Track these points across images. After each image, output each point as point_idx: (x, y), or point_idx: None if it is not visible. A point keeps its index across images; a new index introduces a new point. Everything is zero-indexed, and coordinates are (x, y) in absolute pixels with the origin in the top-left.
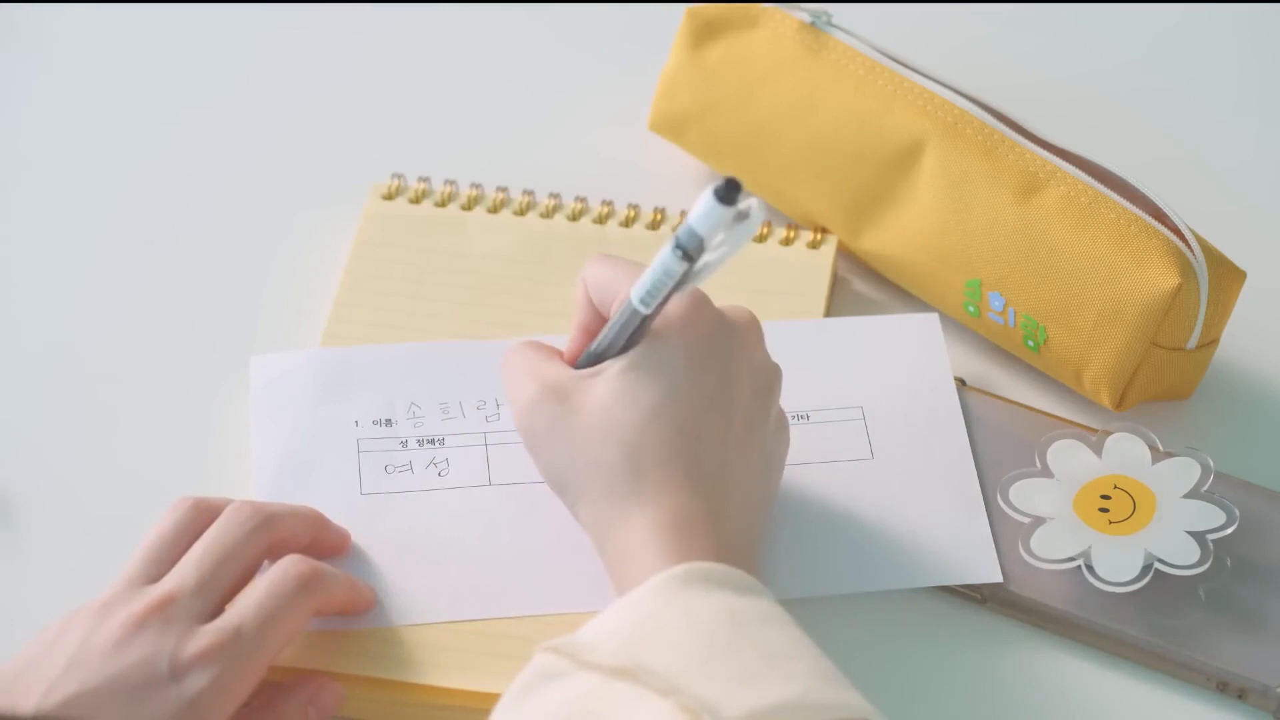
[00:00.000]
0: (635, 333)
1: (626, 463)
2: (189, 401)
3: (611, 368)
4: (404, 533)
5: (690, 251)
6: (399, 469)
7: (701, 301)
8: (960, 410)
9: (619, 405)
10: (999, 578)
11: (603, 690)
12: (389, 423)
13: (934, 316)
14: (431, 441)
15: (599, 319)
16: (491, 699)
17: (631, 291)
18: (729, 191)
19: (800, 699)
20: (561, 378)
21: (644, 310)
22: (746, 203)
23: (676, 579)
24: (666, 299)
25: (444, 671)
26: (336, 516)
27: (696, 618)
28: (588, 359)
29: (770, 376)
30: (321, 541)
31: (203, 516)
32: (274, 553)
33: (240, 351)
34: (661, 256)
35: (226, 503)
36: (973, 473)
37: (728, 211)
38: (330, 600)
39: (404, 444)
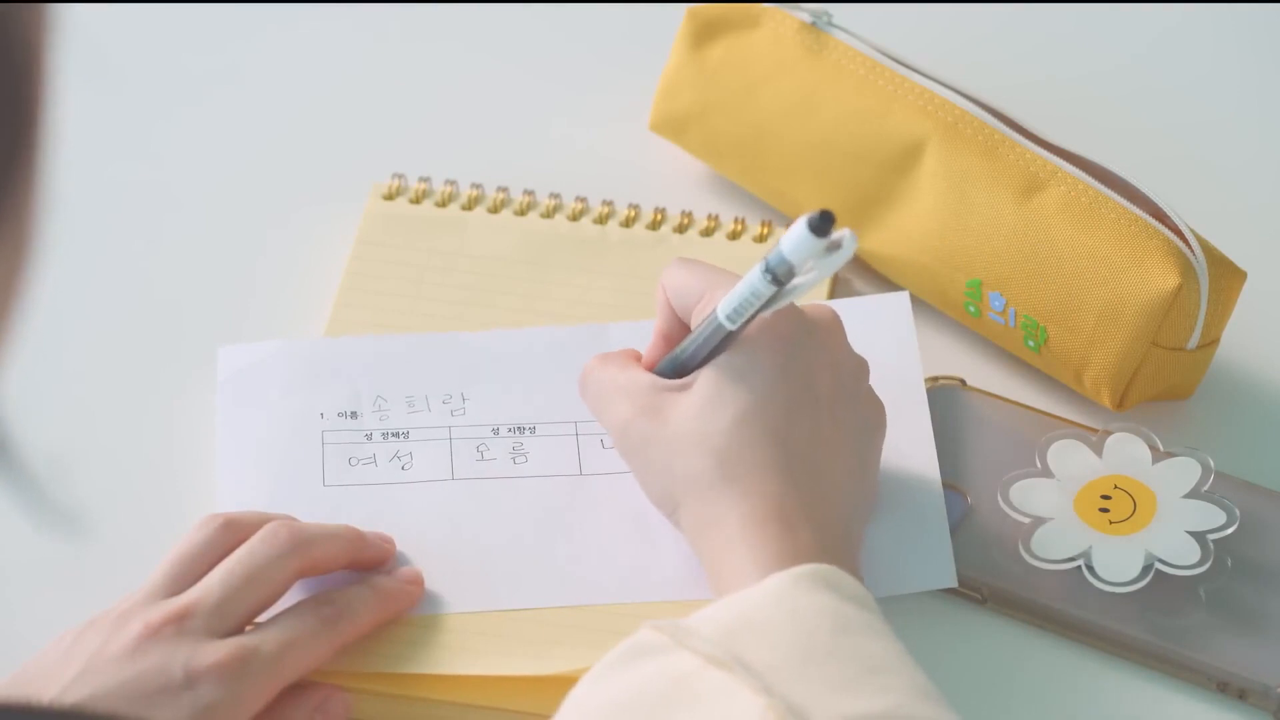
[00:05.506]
0: (720, 346)
1: (717, 469)
2: (188, 400)
3: (699, 378)
4: (366, 526)
5: (780, 276)
6: (363, 462)
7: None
8: (926, 403)
9: (708, 413)
10: (954, 583)
11: (696, 675)
12: (354, 415)
13: (904, 295)
14: (396, 435)
15: (678, 325)
16: (497, 696)
17: (718, 308)
18: (823, 224)
19: (892, 712)
20: (648, 390)
21: (730, 326)
22: (839, 234)
23: (789, 578)
24: (753, 317)
25: (451, 667)
26: (299, 509)
27: (801, 617)
28: (670, 365)
29: (855, 373)
30: (361, 561)
31: (232, 535)
32: (309, 575)
33: None
34: (750, 278)
35: (258, 521)
36: (935, 473)
37: (819, 242)
38: (358, 630)
39: (369, 437)
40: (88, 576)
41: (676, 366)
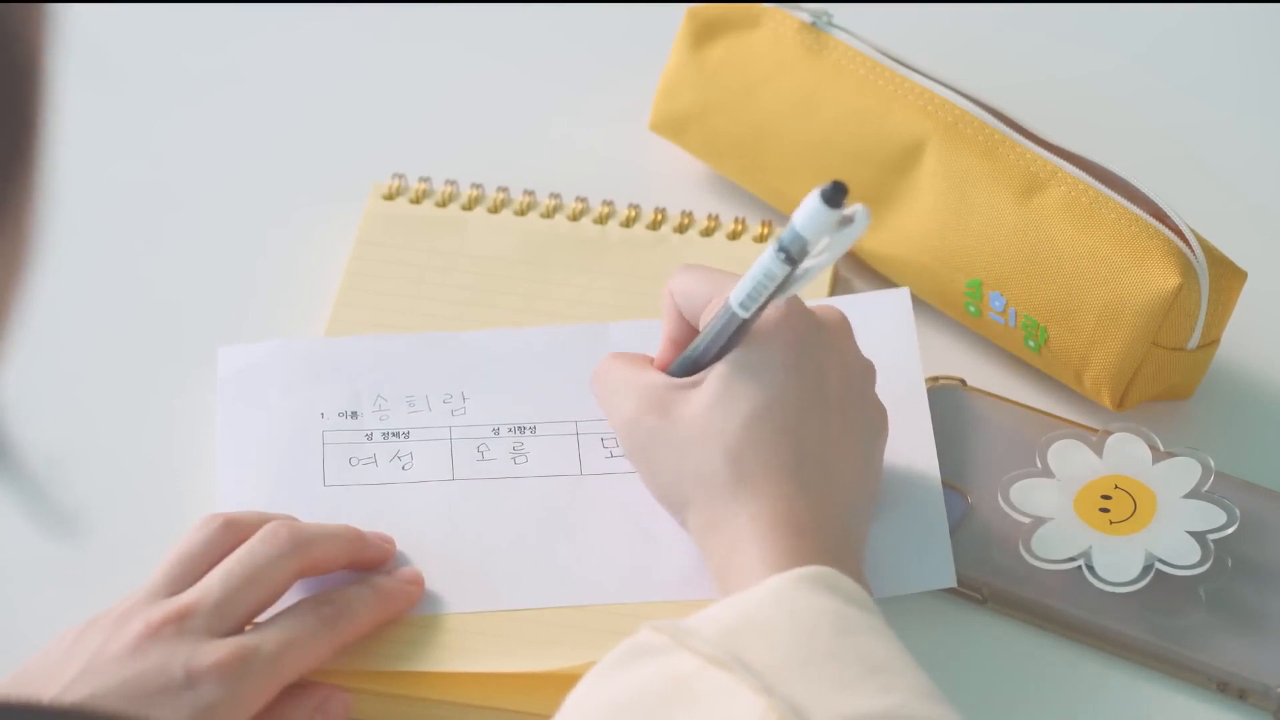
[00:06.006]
0: (732, 337)
1: (729, 467)
2: (188, 400)
3: (709, 374)
4: (366, 526)
5: (793, 254)
6: (363, 462)
7: (794, 302)
8: (926, 403)
9: (719, 411)
10: (953, 583)
11: (697, 675)
12: (354, 415)
13: (904, 292)
14: (396, 434)
15: (686, 330)
16: (496, 697)
17: (730, 295)
18: (835, 194)
19: (893, 712)
20: (659, 388)
21: (743, 314)
22: (852, 208)
23: (790, 580)
24: (766, 303)
25: (449, 665)
26: (299, 509)
27: (801, 618)
28: (682, 365)
29: (863, 374)
30: (361, 561)
31: (232, 535)
32: (309, 574)
33: None
34: (763, 260)
35: (258, 521)
36: (935, 473)
37: (832, 215)
38: (358, 630)
39: (369, 436)
40: (88, 576)
41: (688, 366)
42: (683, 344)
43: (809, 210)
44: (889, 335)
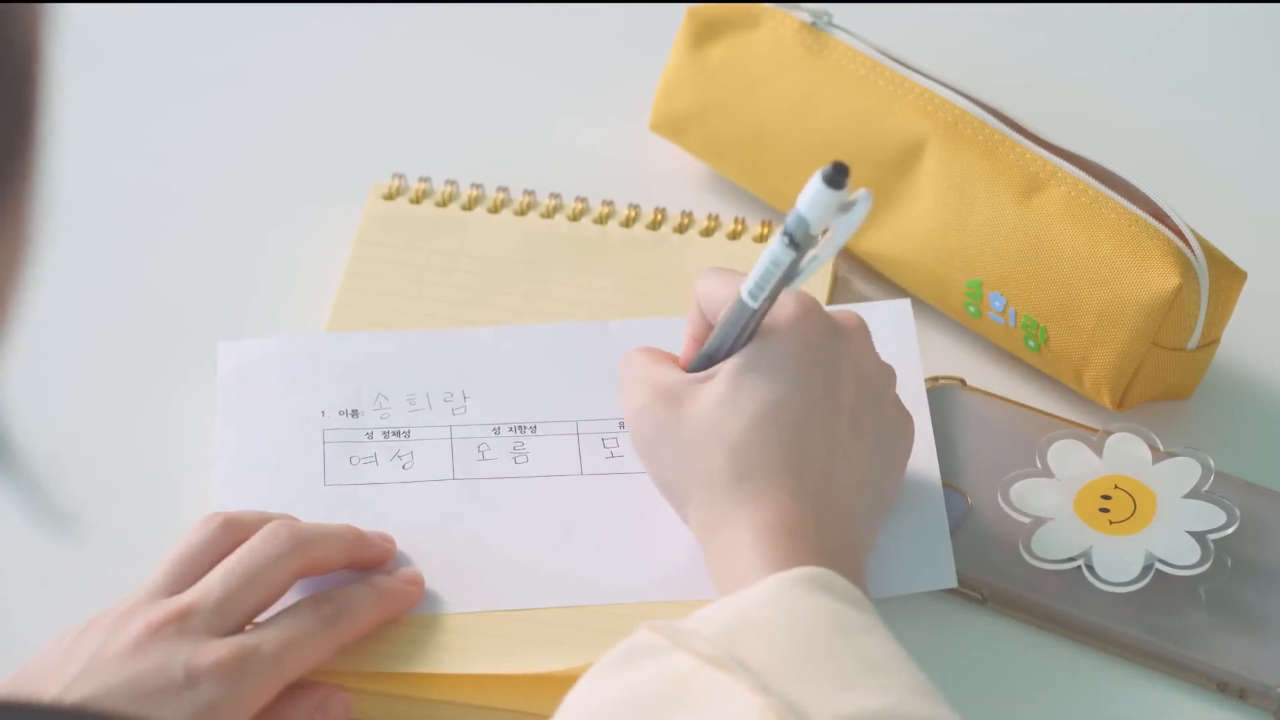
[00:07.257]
0: (743, 332)
1: (731, 467)
2: (187, 401)
3: (719, 372)
4: (366, 526)
5: (798, 239)
6: (363, 461)
7: (810, 306)
8: (927, 409)
9: (725, 410)
10: (953, 583)
11: (695, 675)
12: (355, 413)
13: (906, 303)
14: (397, 434)
15: (708, 329)
16: (497, 697)
17: (741, 288)
18: (836, 175)
19: (890, 710)
20: (672, 382)
21: (752, 304)
22: (855, 193)
23: (788, 580)
24: (775, 293)
25: (449, 666)
26: (299, 508)
27: (799, 618)
28: (699, 362)
29: (880, 381)
30: (361, 561)
31: (232, 535)
32: (309, 574)
33: None
34: (770, 247)
35: (258, 521)
36: (935, 473)
37: (835, 196)
38: (358, 630)
39: (370, 435)
40: (87, 576)
41: (704, 362)
42: (703, 342)
43: (811, 192)
44: (890, 346)
